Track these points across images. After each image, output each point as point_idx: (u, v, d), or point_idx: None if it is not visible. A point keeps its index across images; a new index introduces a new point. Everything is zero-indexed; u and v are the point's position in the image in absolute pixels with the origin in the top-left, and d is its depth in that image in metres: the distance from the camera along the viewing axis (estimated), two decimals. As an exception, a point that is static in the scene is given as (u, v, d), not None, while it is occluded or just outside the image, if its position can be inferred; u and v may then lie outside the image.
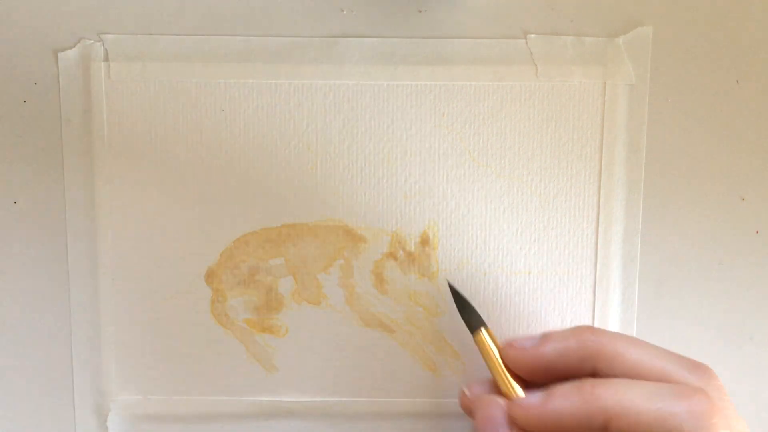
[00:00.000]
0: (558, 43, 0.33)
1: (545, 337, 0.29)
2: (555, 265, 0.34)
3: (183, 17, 0.33)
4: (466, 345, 0.34)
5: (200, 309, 0.34)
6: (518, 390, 0.29)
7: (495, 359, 0.30)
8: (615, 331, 0.29)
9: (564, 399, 0.27)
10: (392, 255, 0.34)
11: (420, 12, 0.33)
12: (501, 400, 0.29)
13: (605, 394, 0.26)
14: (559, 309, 0.34)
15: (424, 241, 0.34)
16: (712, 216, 0.34)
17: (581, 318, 0.34)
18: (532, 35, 0.33)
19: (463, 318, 0.32)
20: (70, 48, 0.33)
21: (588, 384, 0.27)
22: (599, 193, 0.34)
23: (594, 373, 0.28)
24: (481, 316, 0.32)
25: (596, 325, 0.34)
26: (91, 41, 0.33)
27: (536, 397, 0.27)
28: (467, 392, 0.31)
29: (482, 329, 0.31)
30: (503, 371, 0.30)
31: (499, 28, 0.33)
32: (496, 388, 0.30)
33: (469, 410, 0.31)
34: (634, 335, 0.34)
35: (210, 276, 0.34)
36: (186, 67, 0.33)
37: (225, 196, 0.33)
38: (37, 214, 0.34)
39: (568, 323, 0.34)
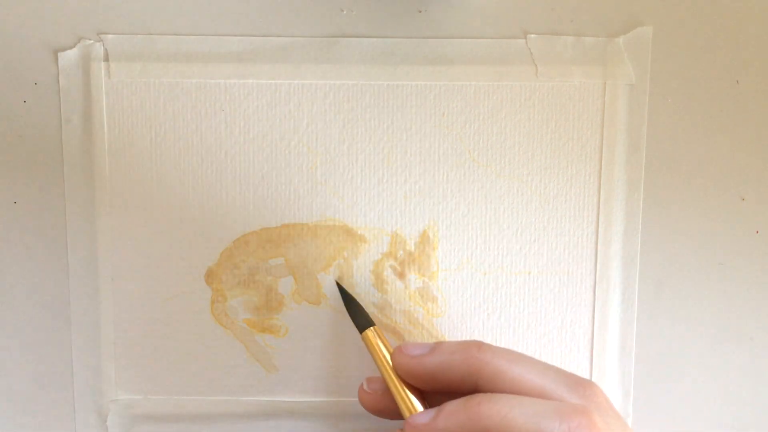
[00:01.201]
0: (558, 43, 0.33)
1: (434, 347, 0.29)
2: (555, 265, 0.34)
3: (183, 17, 0.33)
4: (466, 345, 0.34)
5: (200, 309, 0.34)
6: (409, 400, 0.30)
7: (384, 362, 0.31)
8: (502, 348, 0.29)
9: (451, 417, 0.27)
10: (392, 255, 0.34)
11: (420, 12, 0.33)
12: None
13: (489, 412, 0.26)
14: (559, 309, 0.34)
15: (424, 241, 0.34)
16: (712, 216, 0.34)
17: (581, 318, 0.34)
18: (532, 35, 0.33)
19: (351, 317, 0.32)
20: (70, 48, 0.33)
21: (474, 401, 0.27)
22: (599, 193, 0.34)
23: (476, 388, 0.28)
24: (370, 315, 0.32)
25: (596, 326, 0.34)
26: (91, 41, 0.33)
27: (426, 416, 0.28)
28: (365, 387, 0.31)
29: (371, 329, 0.31)
30: (394, 376, 0.30)
31: (499, 28, 0.33)
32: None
33: (367, 405, 0.31)
34: (634, 335, 0.34)
35: (210, 276, 0.34)
36: (186, 67, 0.33)
37: (225, 196, 0.33)
38: (37, 214, 0.34)
39: (568, 323, 0.34)
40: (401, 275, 0.34)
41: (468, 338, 0.34)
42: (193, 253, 0.34)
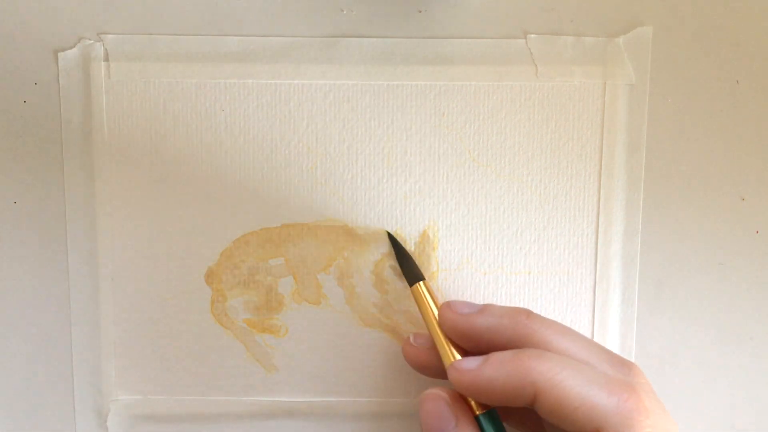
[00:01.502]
0: (558, 43, 0.33)
1: (483, 308, 0.30)
2: (555, 265, 0.34)
3: (183, 17, 0.33)
4: (466, 345, 0.34)
5: (200, 309, 0.34)
6: (453, 351, 0.30)
7: (431, 316, 0.31)
8: (550, 319, 0.29)
9: (499, 367, 0.27)
10: (392, 255, 0.34)
11: (420, 12, 0.33)
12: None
13: (539, 368, 0.26)
14: (559, 309, 0.34)
15: (424, 241, 0.34)
16: (712, 216, 0.34)
17: (581, 318, 0.34)
18: (532, 35, 0.33)
19: (402, 270, 0.33)
20: (70, 48, 0.33)
21: (525, 355, 0.27)
22: (599, 193, 0.34)
23: None
24: (421, 270, 0.32)
25: (596, 326, 0.34)
26: (91, 41, 0.33)
27: (473, 362, 0.28)
28: (412, 340, 0.32)
29: (421, 282, 0.32)
30: (439, 331, 0.30)
31: (499, 28, 0.33)
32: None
33: (411, 359, 0.32)
34: (634, 335, 0.34)
35: (210, 276, 0.34)
36: (186, 67, 0.33)
37: (225, 196, 0.33)
38: (37, 214, 0.34)
39: (568, 323, 0.34)
40: (401, 275, 0.34)
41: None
42: (193, 253, 0.34)
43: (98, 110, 0.33)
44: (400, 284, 0.34)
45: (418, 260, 0.34)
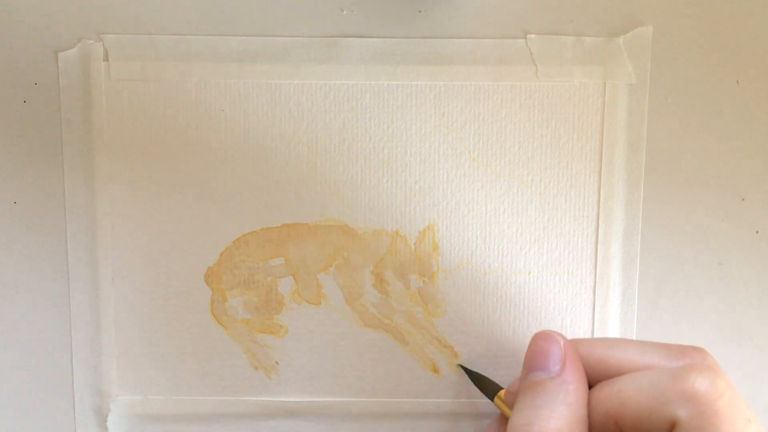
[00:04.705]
0: (558, 43, 0.33)
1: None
2: (555, 265, 0.34)
3: (183, 17, 0.33)
4: (466, 345, 0.34)
5: (200, 309, 0.34)
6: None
7: None
8: (597, 338, 0.29)
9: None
10: (392, 255, 0.34)
11: (420, 12, 0.33)
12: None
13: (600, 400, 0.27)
14: (559, 309, 0.34)
15: (424, 241, 0.34)
16: (712, 216, 0.34)
17: (581, 318, 0.34)
18: (532, 35, 0.33)
19: (480, 390, 0.33)
20: (70, 48, 0.33)
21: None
22: (599, 193, 0.34)
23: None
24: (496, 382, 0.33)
25: (596, 326, 0.34)
26: (91, 41, 0.33)
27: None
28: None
29: (498, 394, 0.32)
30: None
31: (499, 28, 0.33)
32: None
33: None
34: (634, 335, 0.34)
35: (210, 276, 0.34)
36: (186, 67, 0.33)
37: (225, 196, 0.33)
38: (37, 214, 0.34)
39: (568, 323, 0.34)
40: (401, 275, 0.34)
41: (467, 338, 0.34)
42: (193, 253, 0.34)
43: (98, 110, 0.33)
44: (400, 284, 0.34)
45: (418, 260, 0.34)
